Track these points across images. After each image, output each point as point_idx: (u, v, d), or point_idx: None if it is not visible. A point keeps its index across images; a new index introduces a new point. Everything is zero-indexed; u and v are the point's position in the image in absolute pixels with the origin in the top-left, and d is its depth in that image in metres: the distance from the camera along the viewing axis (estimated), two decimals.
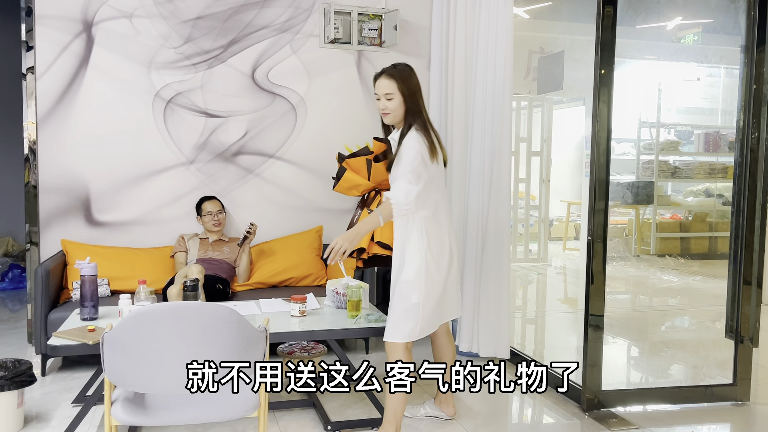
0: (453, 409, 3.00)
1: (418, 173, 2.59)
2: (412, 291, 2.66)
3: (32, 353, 3.95)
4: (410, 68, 2.76)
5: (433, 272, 2.68)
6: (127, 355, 1.96)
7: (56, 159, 4.00)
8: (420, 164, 2.60)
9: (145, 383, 1.99)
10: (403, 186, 2.58)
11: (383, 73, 2.72)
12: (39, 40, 3.93)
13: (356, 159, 3.78)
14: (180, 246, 4.01)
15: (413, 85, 2.71)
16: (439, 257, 2.70)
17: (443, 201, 2.77)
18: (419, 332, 2.69)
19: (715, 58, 7.83)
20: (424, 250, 2.67)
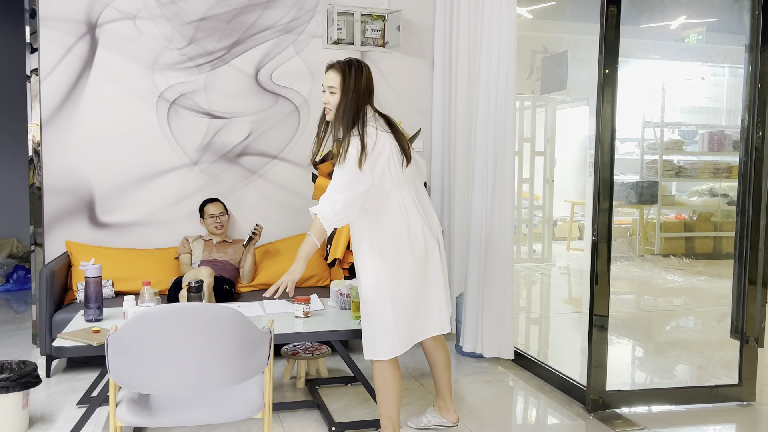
0: (455, 415, 2.92)
1: (347, 181, 2.43)
2: (380, 305, 2.53)
3: (37, 354, 3.96)
4: (362, 66, 2.58)
5: (394, 281, 2.52)
6: (132, 356, 1.96)
7: (60, 160, 4.01)
8: (350, 170, 2.43)
9: (150, 384, 1.99)
10: (329, 197, 2.44)
11: (332, 66, 2.57)
12: (43, 42, 3.94)
13: (326, 164, 3.78)
14: (184, 248, 4.02)
15: (359, 84, 2.53)
16: (398, 263, 2.52)
17: (408, 195, 2.58)
18: (398, 348, 2.56)
19: (720, 58, 7.81)
20: (378, 262, 2.52)
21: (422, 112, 4.55)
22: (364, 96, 2.55)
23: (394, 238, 2.53)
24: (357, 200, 2.45)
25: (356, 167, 2.44)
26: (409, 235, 2.54)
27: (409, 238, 2.54)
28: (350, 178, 2.44)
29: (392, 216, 2.54)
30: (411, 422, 2.98)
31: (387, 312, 2.53)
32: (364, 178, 2.46)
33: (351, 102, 2.52)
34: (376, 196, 2.52)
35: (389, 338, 2.55)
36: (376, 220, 2.54)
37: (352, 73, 2.54)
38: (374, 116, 2.59)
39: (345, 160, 2.45)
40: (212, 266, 3.91)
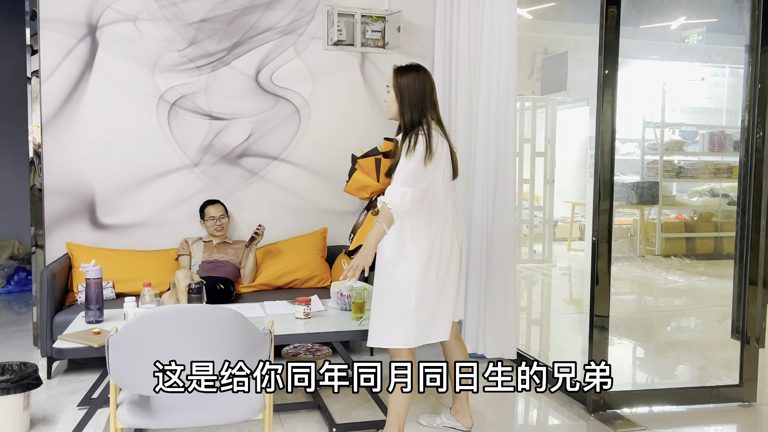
0: (470, 420, 2.92)
1: (413, 175, 2.54)
2: (406, 294, 2.60)
3: (38, 356, 3.96)
4: (417, 69, 2.70)
5: (423, 276, 2.60)
6: (133, 357, 1.96)
7: (61, 162, 4.02)
8: (417, 166, 2.55)
9: (151, 386, 1.99)
10: (397, 189, 2.55)
11: (394, 69, 2.74)
12: (44, 44, 3.94)
13: (366, 159, 3.80)
14: (183, 249, 4.02)
15: (412, 84, 2.65)
16: (429, 261, 2.62)
17: (450, 203, 2.71)
18: (414, 340, 2.62)
19: (720, 58, 7.81)
20: (414, 255, 2.61)
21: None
22: (416, 96, 2.66)
23: (431, 239, 2.64)
24: (423, 196, 2.58)
25: (421, 161, 2.56)
26: (442, 239, 2.66)
27: (441, 243, 2.66)
28: (417, 172, 2.55)
29: (436, 219, 2.65)
30: (423, 420, 2.99)
31: (411, 302, 2.60)
32: (427, 176, 2.59)
33: (408, 101, 2.65)
34: (431, 196, 2.63)
35: (406, 328, 2.61)
36: (422, 218, 2.64)
37: (406, 73, 2.68)
38: (438, 123, 2.70)
39: (414, 154, 2.55)
40: (213, 266, 3.91)
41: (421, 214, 2.63)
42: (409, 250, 2.62)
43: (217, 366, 2.00)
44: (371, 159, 3.76)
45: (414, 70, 2.70)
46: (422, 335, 2.65)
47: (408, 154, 2.57)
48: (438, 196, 2.65)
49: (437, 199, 2.65)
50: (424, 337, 2.66)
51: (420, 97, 2.66)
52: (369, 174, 3.77)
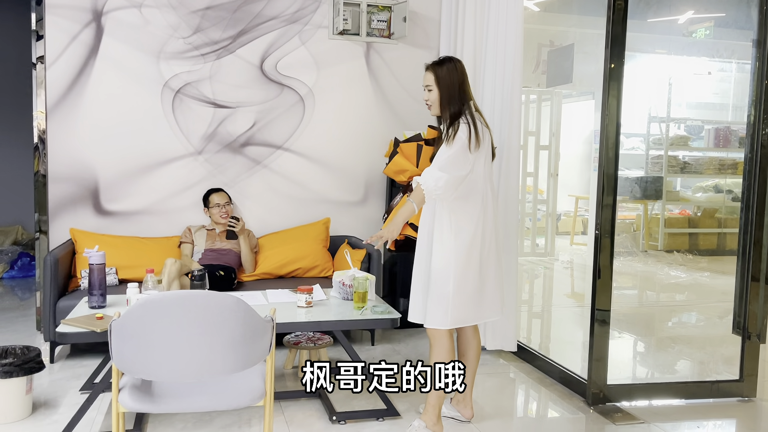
0: (471, 411, 2.95)
1: (452, 161, 2.59)
2: (444, 279, 2.67)
3: (41, 340, 3.98)
4: (453, 63, 2.75)
5: (463, 262, 2.66)
6: (135, 342, 1.97)
7: (65, 148, 4.02)
8: (457, 153, 2.59)
9: (152, 371, 2.00)
10: (433, 172, 2.59)
11: (428, 67, 2.78)
12: (49, 30, 3.94)
13: (409, 144, 3.88)
14: (186, 237, 4.03)
15: (452, 80, 2.71)
16: (470, 248, 2.68)
17: (490, 191, 2.75)
18: (451, 322, 2.68)
19: (727, 53, 7.77)
20: (453, 239, 2.67)
21: None
22: (458, 87, 2.70)
23: (472, 227, 2.69)
24: (458, 182, 2.62)
25: (464, 151, 2.60)
26: (484, 227, 2.71)
27: (483, 231, 2.71)
28: (456, 159, 2.59)
29: (476, 205, 2.69)
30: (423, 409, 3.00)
31: (449, 287, 2.66)
32: (467, 164, 2.62)
33: (449, 94, 2.70)
34: (470, 183, 2.67)
35: (443, 311, 2.67)
36: (462, 205, 2.68)
37: (444, 68, 2.72)
38: (474, 111, 2.74)
39: (454, 141, 2.60)
40: (216, 255, 3.92)
41: (460, 202, 2.68)
42: (447, 236, 2.68)
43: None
44: (413, 144, 3.84)
45: (449, 62, 2.74)
46: (460, 319, 2.72)
47: (449, 141, 2.62)
48: (478, 184, 2.69)
49: (477, 188, 2.69)
50: (464, 320, 2.74)
51: (459, 88, 2.71)
52: (409, 159, 3.84)
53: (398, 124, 4.48)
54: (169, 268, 3.41)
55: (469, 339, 2.92)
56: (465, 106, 2.71)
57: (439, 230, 2.71)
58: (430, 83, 2.74)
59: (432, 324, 2.71)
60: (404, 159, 3.84)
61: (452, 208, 2.69)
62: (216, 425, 2.86)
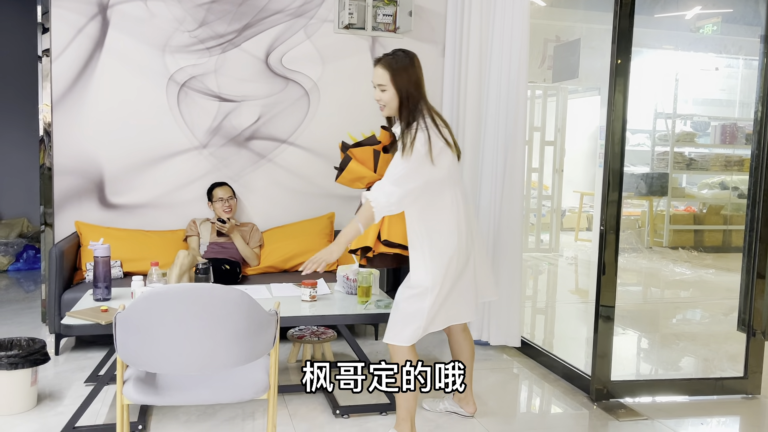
0: (473, 407, 2.93)
1: (407, 174, 2.41)
2: (421, 295, 2.53)
3: (46, 333, 4.00)
4: (410, 58, 2.53)
5: (441, 276, 2.51)
6: (139, 335, 1.98)
7: (71, 141, 4.03)
8: (414, 166, 2.40)
9: (157, 363, 2.01)
10: (385, 187, 2.42)
11: (379, 61, 2.53)
12: (55, 22, 3.94)
13: (362, 149, 3.65)
14: (191, 230, 4.03)
15: (410, 78, 2.49)
16: (449, 259, 2.52)
17: (461, 197, 2.59)
18: (422, 332, 2.56)
19: (734, 49, 7.73)
20: (429, 258, 2.51)
21: (432, 99, 4.48)
22: (418, 86, 2.51)
23: (447, 236, 2.52)
24: (412, 193, 2.44)
25: (420, 163, 2.41)
26: (459, 233, 2.54)
27: (458, 238, 2.54)
28: (410, 171, 2.41)
29: (447, 213, 2.53)
30: (427, 405, 3.00)
31: (425, 303, 2.52)
32: (425, 173, 2.43)
33: (409, 96, 2.49)
34: (434, 191, 2.50)
35: (415, 327, 2.54)
36: (432, 216, 2.53)
37: (401, 67, 2.50)
38: (430, 110, 2.54)
39: (412, 153, 2.40)
40: (220, 249, 3.93)
41: (428, 212, 2.53)
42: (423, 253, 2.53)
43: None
44: (368, 149, 3.63)
45: (405, 57, 2.52)
46: (427, 326, 2.58)
47: (405, 152, 2.42)
48: (445, 189, 2.53)
49: (444, 193, 2.53)
50: (429, 327, 2.59)
51: (416, 87, 2.51)
52: (365, 164, 3.60)
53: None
54: (182, 260, 3.42)
55: (460, 341, 2.85)
56: (421, 107, 2.49)
57: (414, 249, 2.55)
58: (384, 82, 2.50)
59: (401, 341, 2.54)
60: (359, 165, 3.65)
61: (426, 224, 2.53)
62: (220, 418, 2.87)
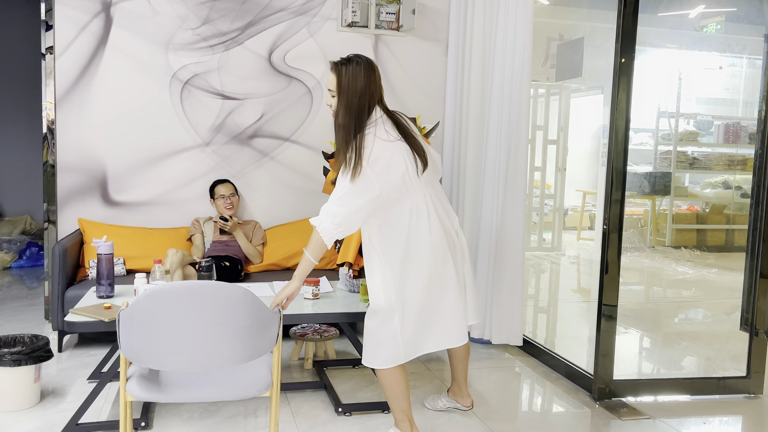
0: (470, 400, 2.95)
1: (347, 191, 2.31)
2: (383, 319, 2.44)
3: (49, 330, 4.01)
4: (363, 64, 2.39)
5: (404, 291, 2.42)
6: (143, 332, 1.98)
7: (74, 139, 4.03)
8: (356, 182, 2.30)
9: (160, 360, 2.01)
10: (329, 209, 2.33)
11: (332, 66, 2.42)
12: (58, 20, 3.95)
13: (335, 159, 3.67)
14: (195, 228, 4.04)
15: (357, 85, 2.36)
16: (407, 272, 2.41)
17: (423, 201, 2.44)
18: (403, 356, 2.45)
19: (738, 48, 7.71)
20: (387, 270, 2.41)
21: (435, 98, 4.53)
22: (364, 97, 2.37)
23: (401, 245, 2.41)
24: (359, 212, 2.33)
25: (362, 178, 2.31)
26: (418, 241, 2.42)
27: (417, 245, 2.42)
28: (351, 189, 2.32)
29: (401, 222, 2.41)
30: (428, 403, 3.01)
31: (395, 322, 2.43)
32: (368, 189, 2.32)
33: (349, 104, 2.36)
34: (384, 204, 2.38)
35: (393, 348, 2.44)
36: (384, 227, 2.43)
37: (349, 72, 2.37)
38: (380, 119, 2.40)
39: (349, 170, 2.31)
40: (223, 246, 3.93)
41: (381, 223, 2.42)
42: (378, 267, 2.44)
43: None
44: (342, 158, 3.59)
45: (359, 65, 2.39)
46: (412, 348, 2.47)
47: (346, 168, 2.31)
48: (396, 199, 2.39)
49: (395, 203, 2.39)
50: (415, 350, 2.48)
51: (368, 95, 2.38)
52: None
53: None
54: (171, 258, 3.43)
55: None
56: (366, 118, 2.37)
57: (369, 262, 2.46)
58: (332, 87, 2.39)
59: (381, 364, 2.45)
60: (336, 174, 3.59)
61: (378, 235, 2.43)
62: (222, 415, 2.87)
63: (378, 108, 2.43)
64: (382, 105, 2.46)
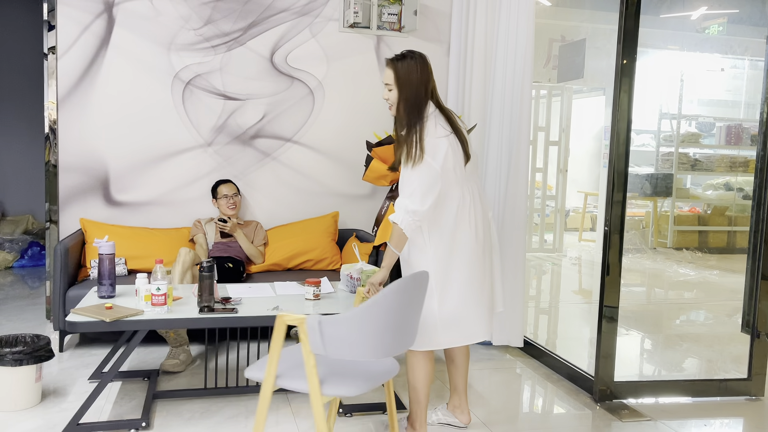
0: (468, 417, 2.83)
1: (419, 183, 2.40)
2: (428, 298, 2.50)
3: (50, 329, 4.02)
4: (417, 59, 2.51)
5: (447, 278, 2.50)
6: (372, 325, 2.04)
7: (76, 139, 4.04)
8: (421, 170, 2.40)
9: (362, 351, 2.05)
10: (406, 206, 2.42)
11: (388, 61, 2.55)
12: (61, 20, 3.95)
13: (384, 148, 3.68)
14: (197, 229, 4.04)
15: (413, 79, 2.47)
16: (451, 261, 2.51)
17: (469, 194, 2.55)
18: (440, 342, 2.52)
19: (740, 49, 7.71)
20: (431, 254, 2.50)
21: None
22: (420, 90, 2.48)
23: (448, 235, 2.50)
24: (427, 198, 2.42)
25: (426, 165, 2.40)
26: (462, 229, 2.52)
27: (462, 233, 2.52)
28: (417, 179, 2.41)
29: (450, 210, 2.50)
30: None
31: (434, 304, 2.50)
32: (432, 177, 2.42)
33: (407, 97, 2.48)
34: (455, 187, 2.51)
35: (431, 331, 2.50)
36: (438, 214, 2.51)
37: (405, 67, 2.49)
38: (435, 113, 2.52)
39: (419, 164, 2.40)
40: (225, 247, 3.93)
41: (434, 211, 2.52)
42: (424, 250, 2.52)
43: None
44: (388, 147, 3.65)
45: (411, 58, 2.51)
46: (447, 337, 2.54)
47: (409, 161, 2.42)
48: (450, 192, 2.51)
49: (445, 194, 2.50)
50: (449, 338, 2.55)
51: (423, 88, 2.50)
52: (386, 162, 3.65)
53: None
54: (183, 257, 3.43)
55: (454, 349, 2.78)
56: (424, 111, 2.48)
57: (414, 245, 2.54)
58: (390, 81, 2.51)
59: (419, 345, 2.52)
60: (381, 163, 3.63)
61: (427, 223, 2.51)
62: (222, 416, 2.87)
63: (431, 102, 2.54)
64: (435, 99, 2.56)
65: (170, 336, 3.39)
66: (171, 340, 3.41)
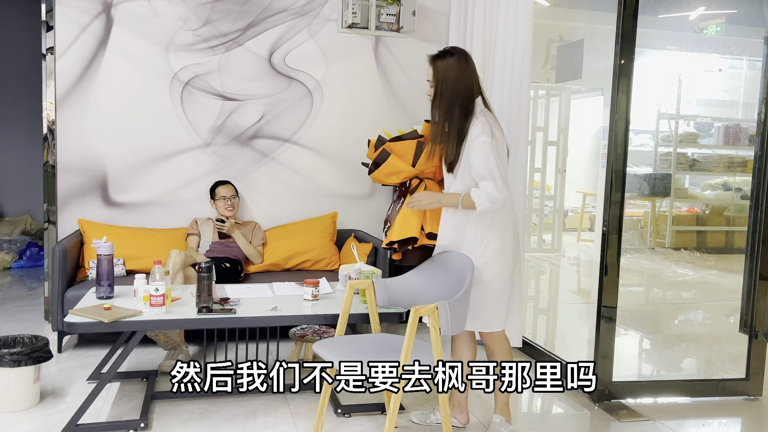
0: (466, 417, 2.83)
1: (500, 171, 2.49)
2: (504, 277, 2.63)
3: (49, 330, 4.01)
4: (457, 56, 2.58)
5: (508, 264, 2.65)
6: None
7: (74, 139, 4.04)
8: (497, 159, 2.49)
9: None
10: (491, 192, 2.48)
11: (429, 58, 2.64)
12: (59, 20, 3.95)
13: (402, 143, 3.59)
14: (192, 229, 4.04)
15: (453, 77, 2.54)
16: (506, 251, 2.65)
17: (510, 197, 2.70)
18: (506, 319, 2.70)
19: (738, 50, 7.72)
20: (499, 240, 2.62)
21: None
22: (458, 87, 2.54)
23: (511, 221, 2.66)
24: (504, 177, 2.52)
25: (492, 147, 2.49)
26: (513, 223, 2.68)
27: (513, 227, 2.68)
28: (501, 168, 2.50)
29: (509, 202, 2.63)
30: (416, 417, 2.87)
31: (508, 284, 2.65)
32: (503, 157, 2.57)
33: (444, 93, 2.56)
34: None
35: (505, 308, 2.66)
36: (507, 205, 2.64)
37: (443, 64, 2.57)
38: (486, 112, 2.60)
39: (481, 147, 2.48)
40: (223, 247, 3.93)
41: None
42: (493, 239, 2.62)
43: None
44: (410, 142, 3.51)
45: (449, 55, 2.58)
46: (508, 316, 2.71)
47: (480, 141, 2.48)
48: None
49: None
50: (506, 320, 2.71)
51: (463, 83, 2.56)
52: (403, 158, 3.56)
53: (406, 119, 4.47)
54: (174, 259, 3.43)
55: (466, 342, 2.81)
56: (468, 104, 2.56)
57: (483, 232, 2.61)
58: (430, 78, 2.63)
59: (500, 325, 2.67)
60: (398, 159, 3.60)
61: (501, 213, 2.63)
62: (222, 416, 2.87)
63: (479, 100, 2.60)
64: (483, 97, 2.63)
65: (160, 339, 3.36)
66: (161, 343, 3.38)
